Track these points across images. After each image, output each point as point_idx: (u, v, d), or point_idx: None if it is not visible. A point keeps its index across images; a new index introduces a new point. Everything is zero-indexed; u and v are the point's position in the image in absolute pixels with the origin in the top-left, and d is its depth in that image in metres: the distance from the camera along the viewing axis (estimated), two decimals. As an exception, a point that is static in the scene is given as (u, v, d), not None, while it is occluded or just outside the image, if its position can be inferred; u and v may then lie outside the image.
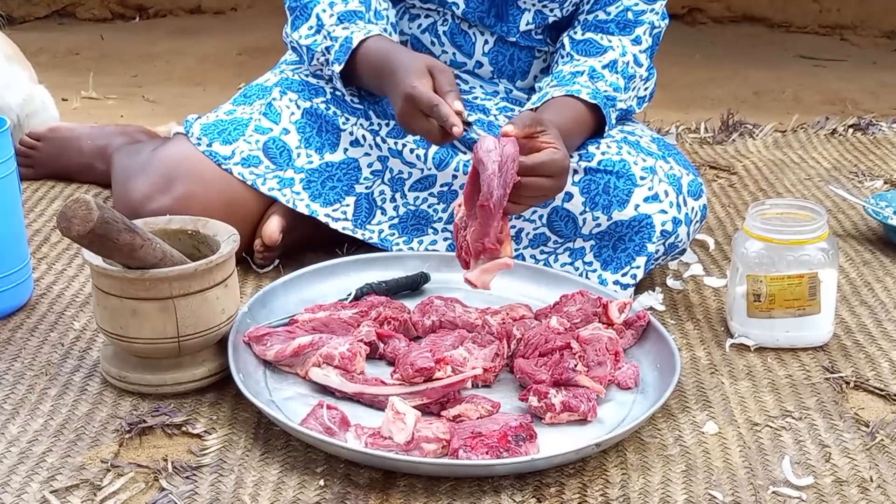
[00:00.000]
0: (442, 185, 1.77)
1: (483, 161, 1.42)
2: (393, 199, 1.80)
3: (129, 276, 1.37)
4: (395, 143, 1.77)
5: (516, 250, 1.75)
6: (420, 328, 1.56)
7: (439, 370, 1.39)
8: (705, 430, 1.41)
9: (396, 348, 1.49)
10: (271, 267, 1.80)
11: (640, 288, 1.75)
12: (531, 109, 1.69)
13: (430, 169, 1.77)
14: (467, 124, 1.50)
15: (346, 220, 1.80)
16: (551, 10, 1.78)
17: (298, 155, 1.80)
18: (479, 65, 1.83)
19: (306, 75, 1.83)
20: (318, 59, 1.72)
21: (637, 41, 1.76)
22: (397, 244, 1.80)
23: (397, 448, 1.29)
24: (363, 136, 1.79)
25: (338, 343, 1.44)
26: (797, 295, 1.57)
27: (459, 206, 1.50)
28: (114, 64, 3.09)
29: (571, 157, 1.70)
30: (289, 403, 1.39)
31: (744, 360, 1.58)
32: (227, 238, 1.45)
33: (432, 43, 1.81)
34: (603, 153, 1.71)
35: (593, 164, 1.70)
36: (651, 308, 1.71)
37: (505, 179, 1.42)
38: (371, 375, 1.44)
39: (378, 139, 1.78)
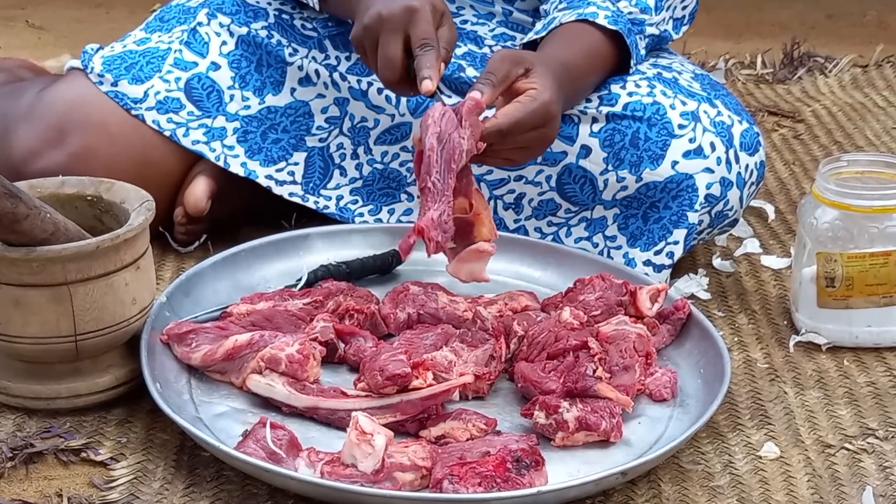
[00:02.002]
0: (420, 137, 1.77)
1: (423, 134, 1.46)
2: (355, 155, 1.80)
3: (10, 256, 1.37)
4: (359, 82, 1.77)
5: (517, 221, 1.75)
6: (392, 323, 1.56)
7: (417, 377, 1.39)
8: (763, 454, 1.42)
9: (361, 349, 1.49)
10: (197, 244, 1.80)
11: (678, 270, 1.76)
12: (532, 42, 1.69)
13: (402, 115, 1.77)
14: (437, 91, 1.51)
15: (294, 183, 1.80)
16: None
17: (231, 97, 1.79)
18: (467, -20, 1.83)
19: (242, -8, 1.82)
20: None
21: (677, -55, 1.77)
22: (361, 214, 1.80)
23: (363, 478, 1.29)
24: (316, 73, 1.78)
25: (285, 343, 1.44)
26: (882, 278, 1.58)
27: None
28: (-13, -22, 3.07)
29: (589, 100, 1.71)
30: (221, 421, 1.40)
31: (813, 363, 1.59)
32: (139, 206, 1.45)
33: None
34: (630, 94, 1.71)
35: (618, 108, 1.70)
36: (693, 296, 1.72)
37: (448, 152, 1.44)
38: (328, 385, 1.44)
39: (336, 76, 1.78)
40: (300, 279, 1.61)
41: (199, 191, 1.76)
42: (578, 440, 1.38)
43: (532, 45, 1.69)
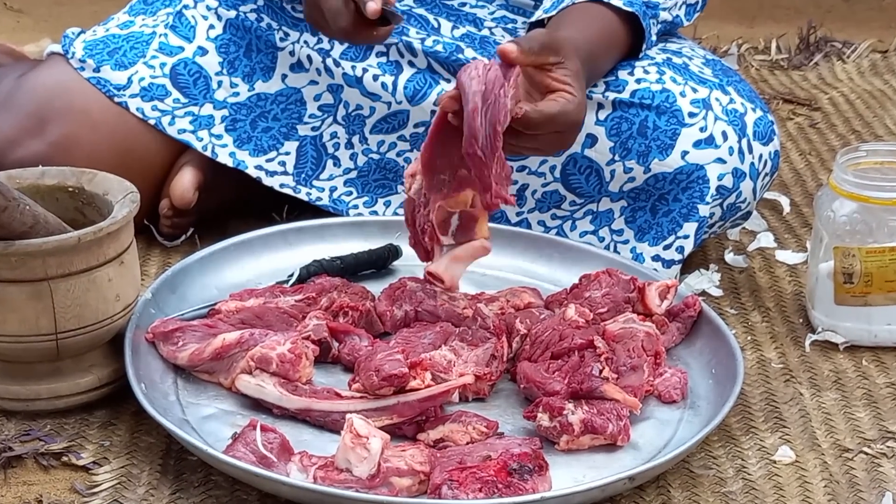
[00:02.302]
0: (417, 125, 1.77)
1: (465, 90, 1.42)
2: (350, 145, 1.80)
3: (-13, 251, 1.37)
4: (353, 68, 1.77)
5: (519, 214, 1.75)
6: (388, 321, 1.56)
7: (415, 378, 1.39)
8: (778, 459, 1.42)
9: (356, 349, 1.49)
10: (183, 238, 1.80)
11: (688, 265, 1.76)
12: (540, 21, 1.69)
13: (399, 103, 1.77)
14: (391, 15, 1.48)
15: (285, 173, 1.80)
16: None
17: (219, 84, 1.79)
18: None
19: (230, -26, 1.82)
20: None
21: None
22: (356, 206, 1.80)
23: (357, 484, 1.29)
24: (308, 58, 1.78)
25: (276, 342, 1.44)
26: (903, 274, 1.59)
27: (413, 175, 1.51)
28: (-37, -41, 3.07)
29: (596, 85, 1.70)
30: (209, 424, 1.40)
31: (830, 362, 1.59)
32: (123, 198, 1.45)
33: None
34: (638, 81, 1.71)
35: (625, 95, 1.70)
36: (704, 293, 1.72)
37: (493, 113, 1.41)
38: (321, 385, 1.44)
39: (329, 62, 1.78)
40: (292, 275, 1.61)
41: (185, 182, 1.76)
42: (584, 444, 1.38)
43: (539, 24, 1.69)
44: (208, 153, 1.77)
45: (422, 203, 1.51)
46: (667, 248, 1.70)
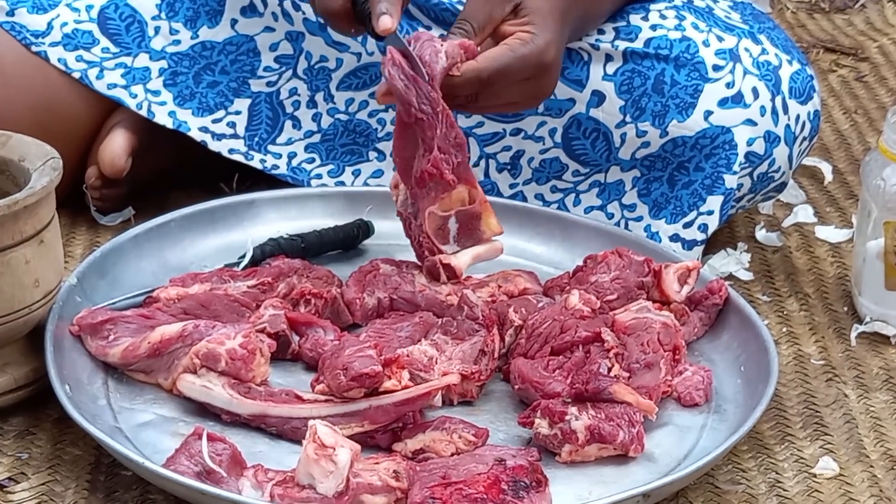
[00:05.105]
0: (392, 80, 1.78)
1: (391, 76, 1.48)
2: (312, 103, 1.80)
3: None
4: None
5: (513, 185, 1.76)
6: (358, 310, 1.57)
7: (389, 378, 1.40)
8: (818, 472, 1.42)
9: (320, 343, 1.49)
10: (117, 217, 1.81)
11: (712, 245, 1.77)
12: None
13: (371, 54, 1.77)
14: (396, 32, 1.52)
15: (235, 136, 1.80)
16: None
17: (157, 30, 1.79)
18: None
19: None
20: None
21: None
22: (319, 175, 1.80)
23: (322, 502, 1.29)
24: (262, 0, 1.78)
25: (225, 335, 1.44)
26: (965, 254, 1.59)
27: (396, 186, 1.54)
28: None
29: (602, 31, 1.71)
30: (146, 432, 1.40)
31: (880, 358, 1.60)
32: (43, 164, 1.45)
33: None
34: (654, 28, 1.71)
35: (638, 45, 1.71)
36: (731, 277, 1.73)
37: (421, 57, 1.47)
38: (279, 387, 1.44)
39: (287, 5, 1.78)
40: (243, 256, 1.61)
41: (116, 146, 1.75)
42: (590, 455, 1.39)
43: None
44: (143, 112, 1.77)
45: (411, 215, 1.55)
46: (687, 226, 1.71)
